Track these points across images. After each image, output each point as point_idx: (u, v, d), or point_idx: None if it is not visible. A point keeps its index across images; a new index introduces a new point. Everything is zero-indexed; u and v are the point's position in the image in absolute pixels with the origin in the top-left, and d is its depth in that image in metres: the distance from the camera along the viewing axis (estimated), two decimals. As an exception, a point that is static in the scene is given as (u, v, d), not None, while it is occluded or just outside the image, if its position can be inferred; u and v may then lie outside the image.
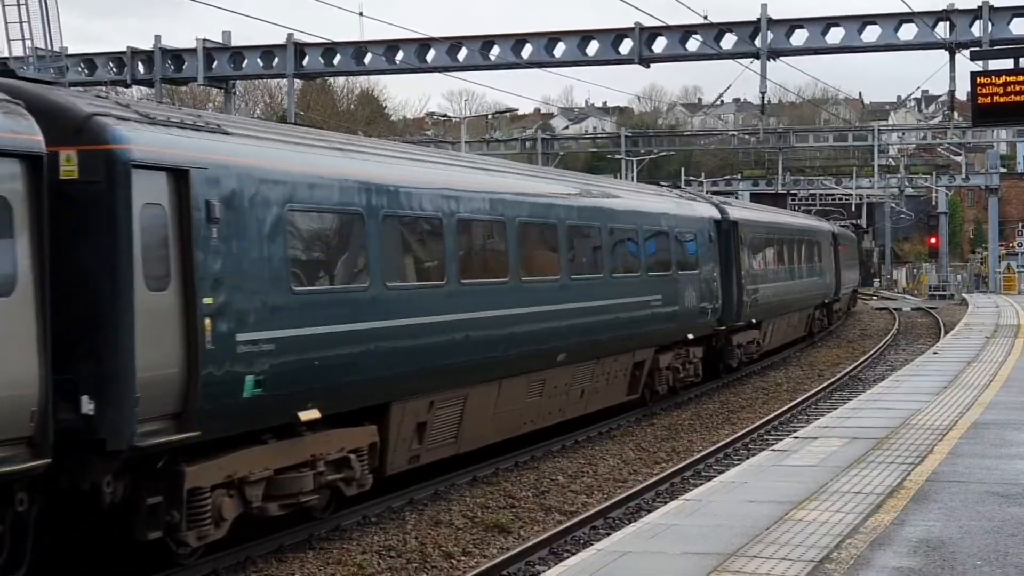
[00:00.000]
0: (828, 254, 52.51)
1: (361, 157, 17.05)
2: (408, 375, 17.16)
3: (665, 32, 39.67)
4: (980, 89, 28.04)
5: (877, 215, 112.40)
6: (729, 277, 33.28)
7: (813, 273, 47.86)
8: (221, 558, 14.53)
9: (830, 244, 53.88)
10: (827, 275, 51.62)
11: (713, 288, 31.46)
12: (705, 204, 33.73)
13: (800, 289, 44.28)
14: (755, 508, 13.18)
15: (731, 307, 33.23)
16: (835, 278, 54.04)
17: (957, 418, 19.94)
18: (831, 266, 53.02)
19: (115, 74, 45.16)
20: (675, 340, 28.87)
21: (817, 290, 48.71)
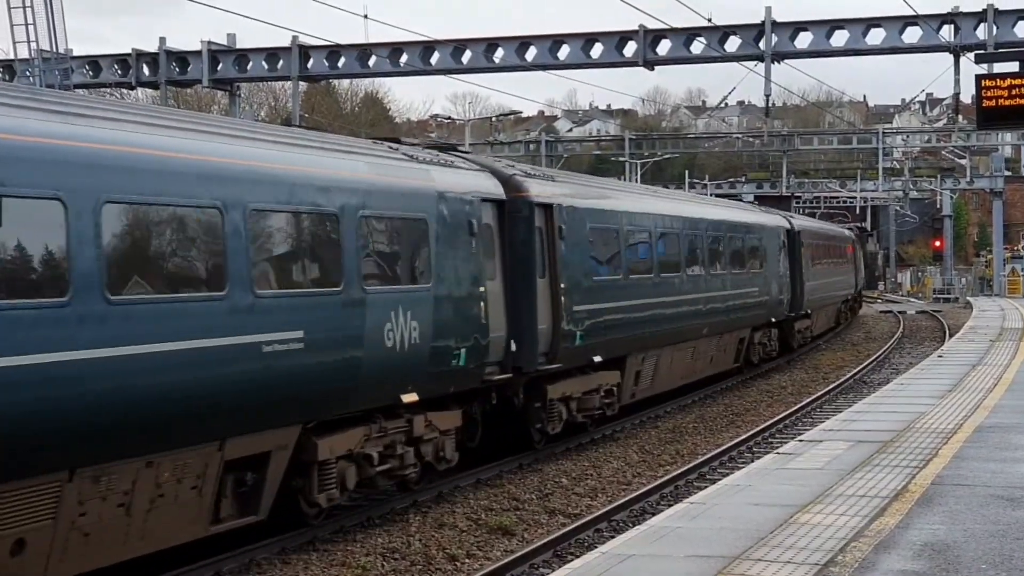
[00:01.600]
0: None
1: None
2: None
3: (669, 34, 39.64)
4: (985, 92, 27.95)
5: (881, 218, 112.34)
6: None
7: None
8: (224, 560, 14.54)
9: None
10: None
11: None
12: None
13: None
14: (760, 511, 13.16)
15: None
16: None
17: (962, 422, 19.92)
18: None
19: (119, 76, 45.16)
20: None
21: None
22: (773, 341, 39.61)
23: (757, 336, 37.23)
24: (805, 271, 43.01)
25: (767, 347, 38.75)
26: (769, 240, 38.29)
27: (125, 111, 13.51)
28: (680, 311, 28.45)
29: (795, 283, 41.40)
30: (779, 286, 38.89)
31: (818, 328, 49.07)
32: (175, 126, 13.41)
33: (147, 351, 12.09)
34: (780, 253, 39.62)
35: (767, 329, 38.50)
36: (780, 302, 39.05)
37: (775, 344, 39.88)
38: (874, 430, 19.21)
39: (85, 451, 11.59)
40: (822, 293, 47.77)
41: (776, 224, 40.42)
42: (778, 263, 39.16)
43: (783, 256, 40.07)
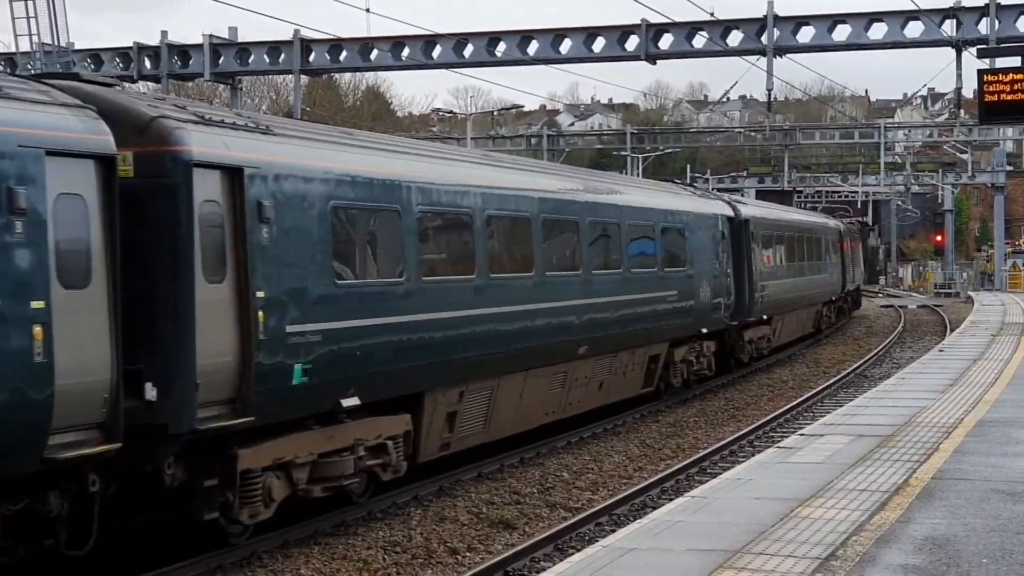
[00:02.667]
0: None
1: None
2: None
3: (671, 29, 39.60)
4: (987, 87, 27.98)
5: (883, 212, 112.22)
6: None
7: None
8: (226, 554, 14.55)
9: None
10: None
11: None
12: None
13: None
14: (761, 505, 13.17)
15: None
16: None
17: (963, 416, 19.93)
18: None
19: (121, 69, 45.14)
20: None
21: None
22: (706, 357, 31.79)
23: (680, 352, 29.52)
24: (758, 268, 35.90)
25: (696, 365, 30.90)
26: (698, 231, 30.46)
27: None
28: (532, 325, 20.86)
29: (742, 283, 34.16)
30: (715, 288, 31.23)
31: (784, 336, 42.16)
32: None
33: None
34: (718, 247, 32.10)
35: (697, 343, 30.77)
36: (717, 307, 31.50)
37: (709, 360, 32.05)
38: (875, 424, 19.22)
39: None
40: (789, 294, 40.70)
41: (709, 211, 32.20)
42: (714, 259, 31.65)
43: (723, 251, 32.52)
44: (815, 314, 48.38)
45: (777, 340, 40.58)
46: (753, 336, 36.64)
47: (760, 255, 36.53)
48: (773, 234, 39.26)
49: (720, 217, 32.91)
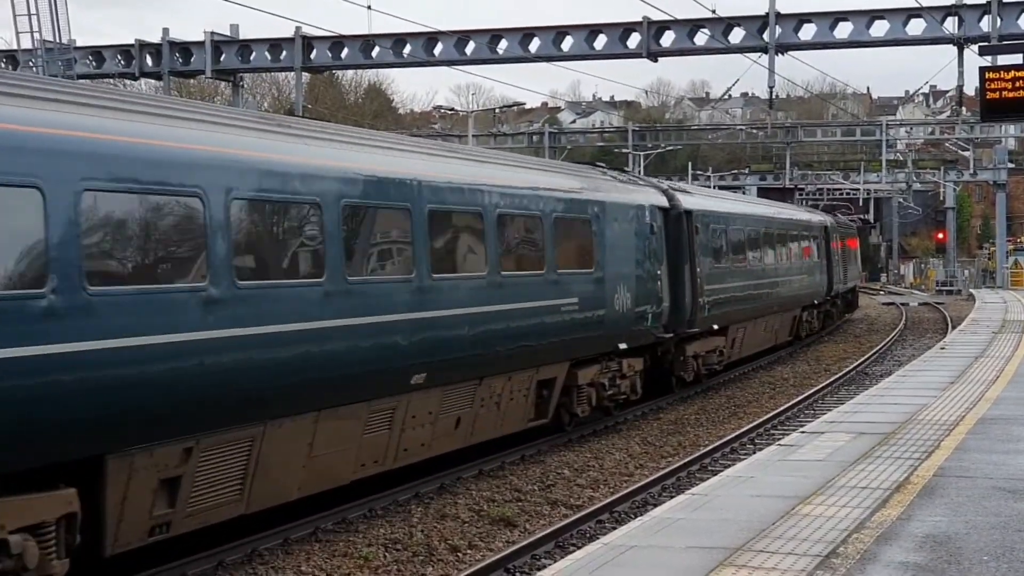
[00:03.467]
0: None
1: None
2: None
3: (673, 26, 39.65)
4: (988, 84, 27.93)
5: (885, 210, 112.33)
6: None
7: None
8: (227, 551, 14.56)
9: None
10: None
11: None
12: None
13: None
14: (762, 503, 13.17)
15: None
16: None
17: (964, 413, 19.92)
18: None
19: (123, 67, 45.19)
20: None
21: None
22: (628, 378, 25.74)
23: (587, 374, 23.46)
24: (706, 269, 30.23)
25: (611, 389, 24.87)
26: (614, 224, 24.34)
27: None
28: (320, 351, 14.95)
29: (681, 288, 28.41)
30: (639, 294, 25.40)
31: (748, 347, 36.41)
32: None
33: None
34: (645, 244, 26.11)
35: (614, 361, 24.92)
36: (642, 318, 25.68)
37: (633, 382, 26.15)
38: (876, 422, 19.21)
39: None
40: (750, 300, 35.24)
41: (631, 201, 25.78)
42: (640, 259, 25.65)
43: (653, 248, 26.59)
44: (792, 321, 42.98)
45: (737, 352, 35.06)
46: (700, 350, 30.66)
47: (708, 254, 30.96)
48: (727, 229, 33.40)
49: (649, 208, 26.54)
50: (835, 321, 53.74)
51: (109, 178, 12.06)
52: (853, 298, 61.58)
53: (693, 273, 29.18)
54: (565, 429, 23.39)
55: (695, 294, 29.20)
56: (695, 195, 32.48)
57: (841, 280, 53.18)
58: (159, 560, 13.80)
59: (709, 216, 31.51)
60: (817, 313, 48.41)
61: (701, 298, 29.57)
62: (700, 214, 30.37)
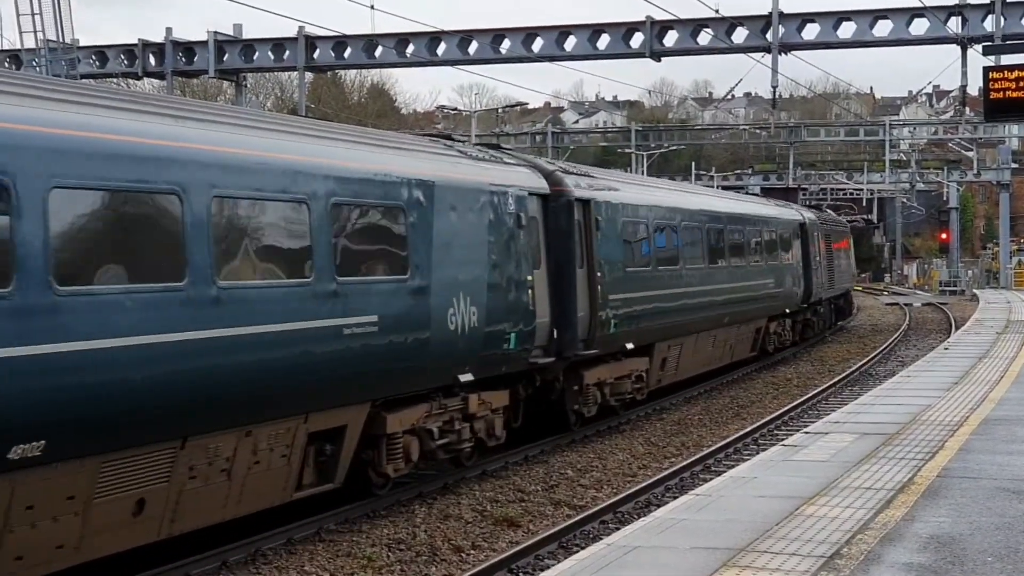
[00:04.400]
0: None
1: None
2: None
3: (676, 26, 39.65)
4: (992, 84, 27.94)
5: (888, 210, 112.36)
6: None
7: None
8: (231, 550, 14.56)
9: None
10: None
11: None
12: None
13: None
14: (765, 503, 13.16)
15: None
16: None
17: (968, 414, 19.90)
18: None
19: (126, 66, 45.21)
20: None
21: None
22: (480, 421, 19.57)
23: (403, 418, 17.33)
24: (611, 273, 24.13)
25: (442, 440, 18.47)
26: (447, 212, 18.20)
27: None
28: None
29: (570, 299, 22.14)
30: (493, 308, 19.18)
31: (687, 367, 30.13)
32: None
33: None
34: (505, 240, 19.79)
35: (455, 397, 18.67)
36: (500, 339, 19.42)
37: (489, 426, 19.93)
38: (880, 422, 19.19)
39: None
40: (691, 313, 29.19)
41: (479, 183, 19.50)
42: (500, 260, 19.58)
43: (518, 246, 20.18)
44: (754, 334, 36.81)
45: (672, 375, 29.03)
46: (606, 377, 24.52)
47: (618, 254, 24.82)
48: (650, 224, 27.15)
49: (515, 194, 20.34)
50: (816, 331, 46.73)
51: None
52: (846, 304, 56.41)
53: (592, 279, 23.00)
54: (375, 494, 17.41)
55: (594, 306, 23.03)
56: (600, 180, 25.36)
57: (824, 285, 46.61)
58: (162, 560, 13.80)
59: (618, 207, 25.10)
60: (792, 323, 42.08)
61: (604, 311, 23.36)
62: (604, 204, 24.18)
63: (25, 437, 11.01)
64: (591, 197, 23.53)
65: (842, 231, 56.66)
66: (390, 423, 16.99)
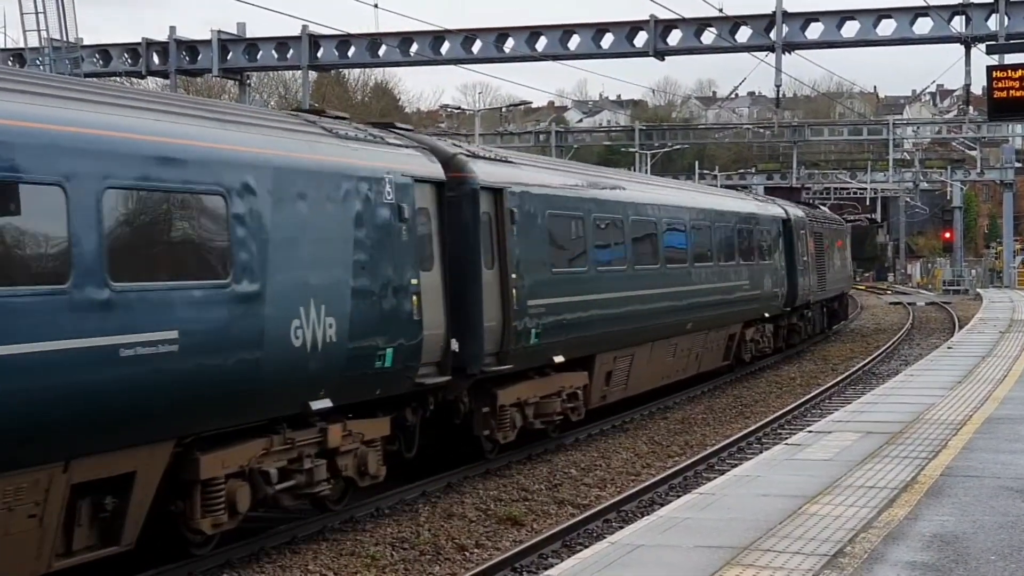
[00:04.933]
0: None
1: None
2: None
3: (680, 25, 39.64)
4: (996, 83, 27.92)
5: (892, 209, 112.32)
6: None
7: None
8: (235, 549, 14.57)
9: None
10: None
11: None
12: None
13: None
14: (769, 502, 13.16)
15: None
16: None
17: (971, 413, 19.90)
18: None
19: (130, 65, 45.22)
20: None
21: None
22: (348, 457, 16.18)
23: (231, 457, 14.03)
24: (533, 277, 20.66)
25: (283, 483, 14.86)
26: (292, 203, 14.75)
27: None
28: None
29: (473, 305, 18.83)
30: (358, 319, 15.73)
31: (639, 382, 26.53)
32: None
33: None
34: (378, 237, 16.30)
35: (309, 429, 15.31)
36: (369, 357, 16.02)
37: (361, 462, 16.48)
38: (883, 421, 19.19)
39: None
40: (642, 320, 25.67)
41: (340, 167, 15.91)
42: (370, 261, 16.08)
43: (398, 243, 16.79)
44: (726, 341, 33.13)
45: (620, 390, 25.54)
46: (529, 396, 20.94)
47: (542, 253, 21.29)
48: (586, 218, 23.44)
49: (394, 180, 16.73)
50: (803, 337, 43.09)
51: None
52: (841, 308, 52.48)
53: (504, 282, 19.59)
54: (193, 554, 14.09)
55: (508, 314, 19.57)
56: (519, 166, 21.50)
57: (813, 287, 42.90)
58: (166, 559, 13.80)
59: (544, 198, 21.47)
60: (774, 329, 38.68)
61: (520, 320, 19.93)
62: (523, 195, 20.57)
63: None
64: (505, 185, 19.91)
65: (837, 229, 52.60)
66: (205, 466, 13.54)
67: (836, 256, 49.82)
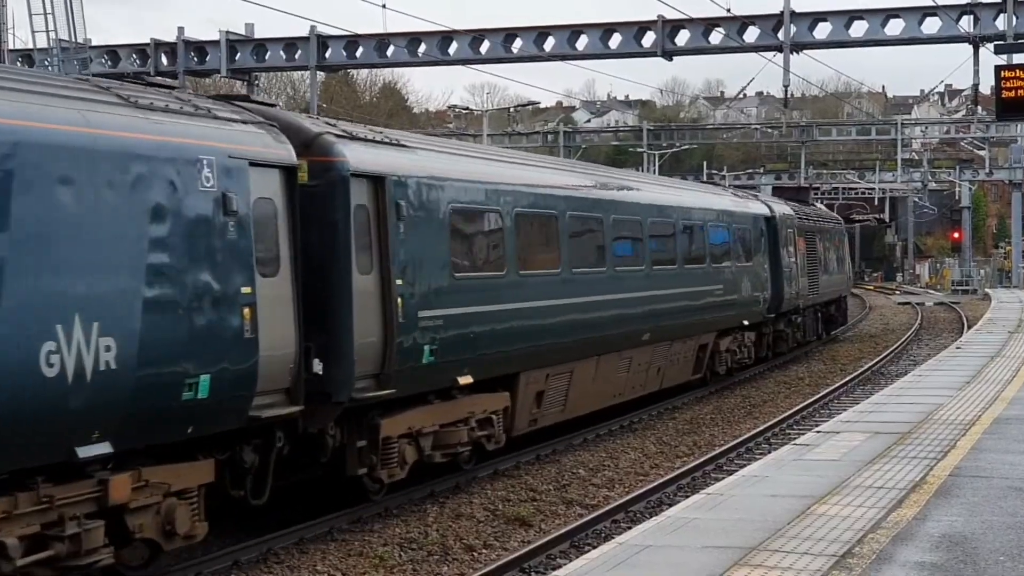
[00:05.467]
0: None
1: None
2: None
3: (688, 25, 39.60)
4: (1004, 83, 27.89)
5: (900, 209, 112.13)
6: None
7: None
8: (242, 550, 14.57)
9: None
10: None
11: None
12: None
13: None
14: (777, 502, 13.15)
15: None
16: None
17: (980, 413, 19.88)
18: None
19: (138, 66, 45.25)
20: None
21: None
22: (143, 516, 12.63)
23: None
24: (428, 283, 17.43)
25: None
26: (100, 192, 11.83)
27: None
28: None
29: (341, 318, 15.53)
30: (159, 338, 12.33)
31: (588, 400, 23.49)
32: None
33: None
34: (192, 234, 12.94)
35: (86, 482, 11.90)
36: (172, 385, 12.56)
37: (163, 520, 12.87)
38: (892, 421, 19.18)
39: None
40: (586, 331, 22.46)
41: (132, 147, 12.36)
42: (177, 265, 12.71)
43: (222, 241, 13.39)
44: (695, 352, 29.41)
45: (558, 412, 22.11)
46: (426, 424, 17.73)
47: (438, 254, 17.77)
48: (504, 212, 19.83)
49: (220, 164, 13.40)
50: (791, 345, 39.00)
51: None
52: (838, 312, 48.83)
53: (386, 289, 16.31)
54: None
55: (391, 329, 16.27)
56: (413, 151, 17.89)
57: (803, 291, 39.20)
58: (174, 559, 13.81)
59: (442, 188, 17.95)
60: (756, 338, 34.70)
61: (406, 336, 16.58)
62: (413, 184, 17.19)
63: None
64: (388, 173, 16.60)
65: (833, 228, 48.45)
66: None
67: (832, 257, 46.39)
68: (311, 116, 20.18)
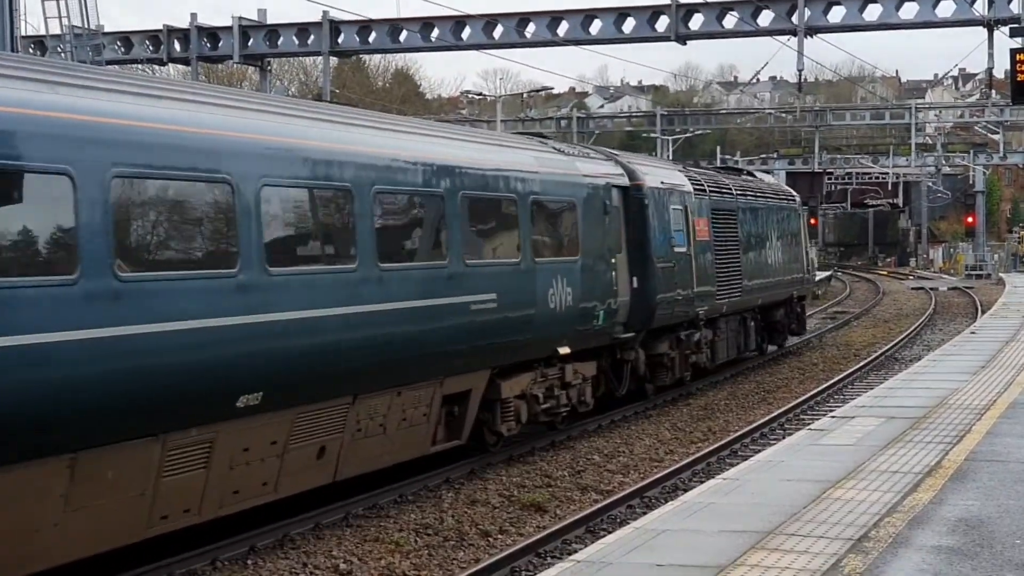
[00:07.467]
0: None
1: None
2: None
3: (702, 9, 39.51)
4: (1019, 66, 27.83)
5: (914, 194, 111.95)
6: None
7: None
8: (258, 535, 14.61)
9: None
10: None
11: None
12: None
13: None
14: (792, 487, 13.16)
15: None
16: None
17: (995, 398, 19.86)
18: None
19: (151, 52, 45.26)
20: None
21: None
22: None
23: None
24: None
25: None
26: None
27: None
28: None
29: None
30: None
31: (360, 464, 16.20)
32: None
33: None
34: None
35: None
36: None
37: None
38: (906, 406, 19.17)
39: None
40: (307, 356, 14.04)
41: None
42: None
43: None
44: (440, 408, 17.64)
45: None
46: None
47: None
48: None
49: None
50: (676, 376, 27.00)
51: None
52: (789, 317, 37.25)
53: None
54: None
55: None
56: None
57: (708, 294, 27.99)
58: (190, 545, 13.86)
59: None
60: (595, 370, 22.92)
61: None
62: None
63: None
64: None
65: (779, 206, 36.10)
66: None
67: (776, 245, 34.91)
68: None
